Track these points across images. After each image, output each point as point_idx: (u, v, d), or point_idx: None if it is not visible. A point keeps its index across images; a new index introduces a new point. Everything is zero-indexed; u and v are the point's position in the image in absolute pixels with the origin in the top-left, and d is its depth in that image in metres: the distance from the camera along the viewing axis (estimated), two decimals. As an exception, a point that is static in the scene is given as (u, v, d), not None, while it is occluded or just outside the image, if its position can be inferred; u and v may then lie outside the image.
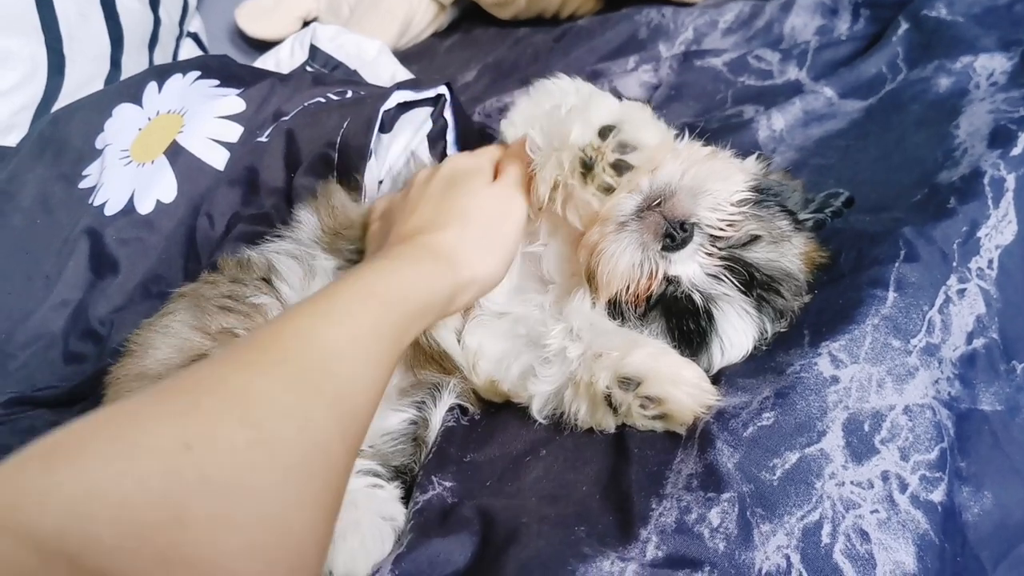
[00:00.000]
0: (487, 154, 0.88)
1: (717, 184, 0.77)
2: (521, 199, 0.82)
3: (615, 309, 0.80)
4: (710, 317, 0.78)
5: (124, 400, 0.49)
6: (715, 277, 0.78)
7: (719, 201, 0.77)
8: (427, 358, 0.87)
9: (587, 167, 0.75)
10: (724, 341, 0.78)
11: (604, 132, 0.75)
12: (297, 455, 0.50)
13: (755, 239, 0.79)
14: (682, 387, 0.72)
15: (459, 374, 0.87)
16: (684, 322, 0.79)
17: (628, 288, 0.78)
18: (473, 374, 0.85)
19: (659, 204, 0.77)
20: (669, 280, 0.78)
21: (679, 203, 0.76)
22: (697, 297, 0.78)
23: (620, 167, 0.75)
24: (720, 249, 0.78)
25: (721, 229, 0.77)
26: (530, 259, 0.88)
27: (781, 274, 0.79)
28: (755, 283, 0.79)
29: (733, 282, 0.78)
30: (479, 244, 0.78)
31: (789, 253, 0.80)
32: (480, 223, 0.79)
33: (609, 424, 0.76)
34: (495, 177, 0.84)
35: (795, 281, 0.80)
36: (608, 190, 0.76)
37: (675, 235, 0.76)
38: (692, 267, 0.78)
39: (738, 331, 0.78)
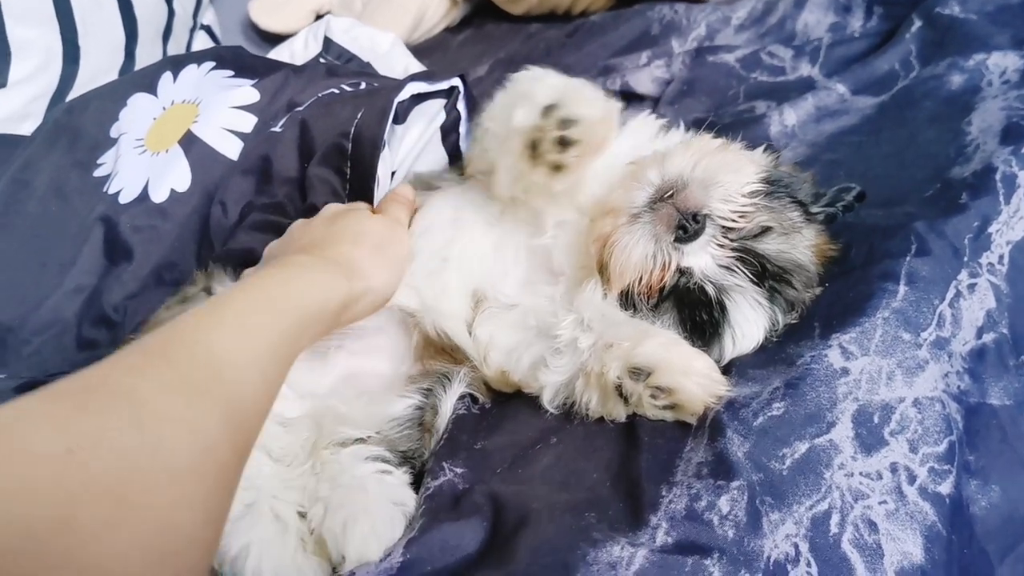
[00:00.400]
0: (361, 204, 0.94)
1: (729, 176, 0.78)
2: (404, 232, 0.88)
3: (627, 300, 0.81)
4: (722, 308, 0.78)
5: (11, 402, 0.48)
6: (727, 268, 0.78)
7: (731, 192, 0.77)
8: (437, 350, 0.88)
9: (535, 148, 0.77)
10: (736, 332, 0.79)
11: (546, 112, 0.76)
12: (184, 458, 0.50)
13: (766, 230, 0.79)
14: (693, 377, 0.73)
15: (469, 364, 0.87)
16: (696, 313, 0.79)
17: (640, 280, 0.78)
18: (484, 365, 0.86)
19: (671, 196, 0.77)
20: (681, 271, 0.78)
21: (691, 195, 0.77)
22: (709, 288, 0.78)
23: (565, 142, 0.76)
24: (732, 240, 0.78)
25: (733, 220, 0.78)
26: (539, 251, 0.88)
27: (792, 265, 0.80)
28: (767, 274, 0.79)
29: (745, 273, 0.78)
30: (372, 258, 0.81)
31: (800, 245, 0.81)
32: (371, 242, 0.83)
33: (620, 414, 0.76)
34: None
35: (806, 272, 0.81)
36: (558, 167, 0.77)
37: (687, 227, 0.76)
38: (704, 258, 0.78)
39: (750, 322, 0.79)
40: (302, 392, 0.86)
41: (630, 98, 1.35)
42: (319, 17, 2.00)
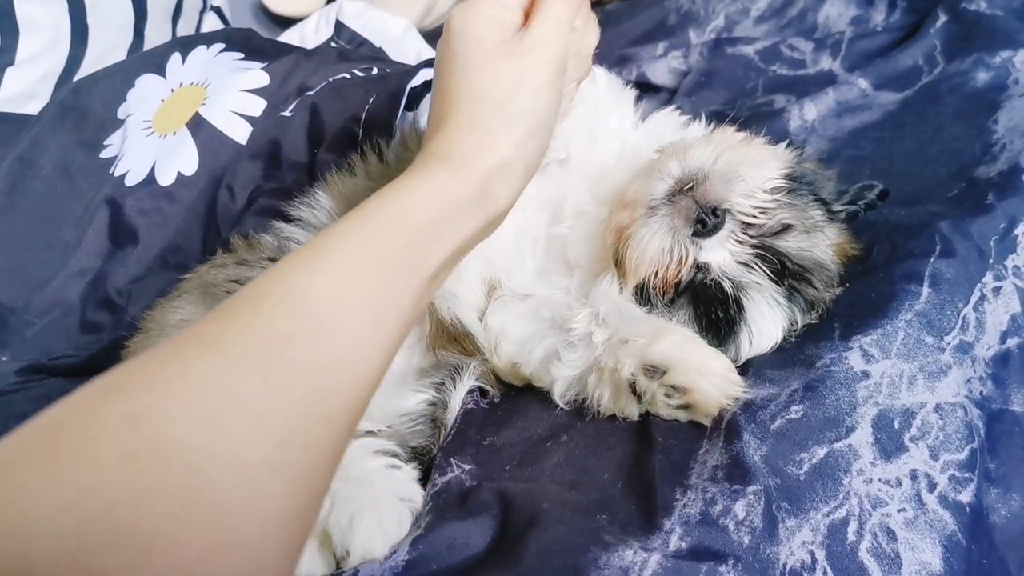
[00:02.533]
0: None
1: (751, 170, 0.76)
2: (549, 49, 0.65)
3: (642, 295, 0.79)
4: (739, 306, 0.76)
5: (70, 397, 0.44)
6: (746, 265, 0.76)
7: (752, 188, 0.75)
8: (449, 338, 0.86)
9: None
10: (753, 331, 0.77)
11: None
12: (259, 451, 0.45)
13: (787, 228, 0.77)
14: (709, 377, 0.71)
15: (480, 356, 0.86)
16: (712, 310, 0.77)
17: (656, 274, 0.76)
18: (495, 356, 0.84)
19: (691, 188, 0.75)
20: (698, 267, 0.77)
21: (711, 188, 0.75)
22: (727, 285, 0.76)
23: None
24: (751, 237, 0.76)
25: (753, 216, 0.76)
26: (557, 241, 0.87)
27: (813, 264, 0.78)
28: (786, 272, 0.77)
29: (764, 271, 0.76)
30: (491, 124, 0.63)
31: (821, 243, 0.79)
32: (492, 99, 0.64)
33: (632, 412, 0.75)
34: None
35: (827, 272, 0.79)
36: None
37: (706, 221, 0.74)
38: (722, 254, 0.76)
39: (768, 321, 0.77)
40: None
41: (646, 89, 1.32)
42: (330, 1, 1.98)
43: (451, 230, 0.60)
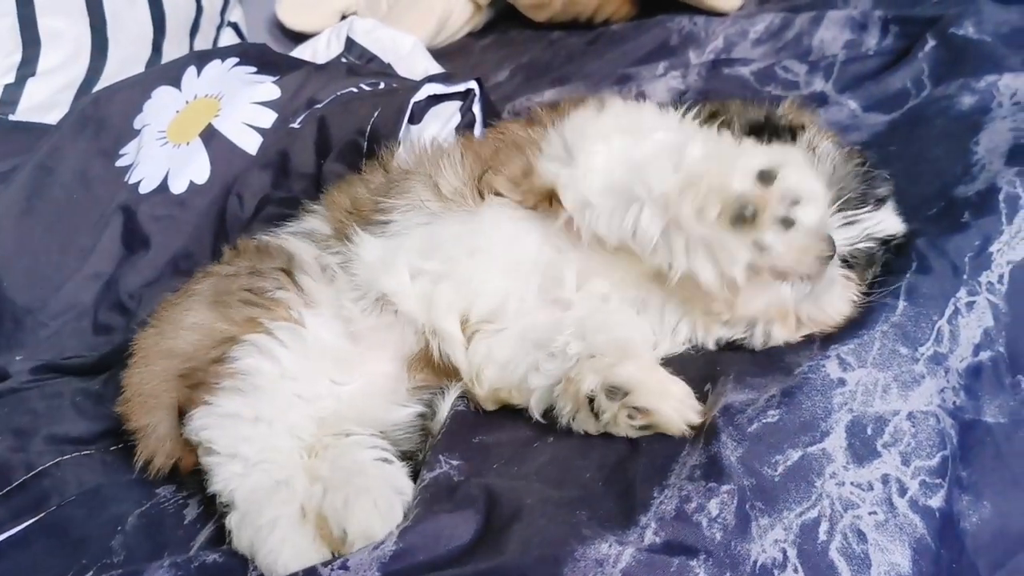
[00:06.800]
0: None
1: None
2: None
3: None
4: None
5: None
6: None
7: None
8: (427, 365, 0.88)
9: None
10: None
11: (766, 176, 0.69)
12: None
13: None
14: (670, 401, 0.74)
15: (457, 381, 0.87)
16: None
17: None
18: (476, 384, 0.85)
19: None
20: None
21: None
22: None
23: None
24: None
25: None
26: (552, 274, 0.87)
27: None
28: None
29: None
30: None
31: None
32: None
33: (589, 428, 0.77)
34: None
35: None
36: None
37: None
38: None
39: None
40: (338, 393, 0.87)
41: (645, 108, 1.36)
42: (344, 17, 2.03)
43: None
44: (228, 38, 2.02)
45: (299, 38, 2.00)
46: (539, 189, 0.84)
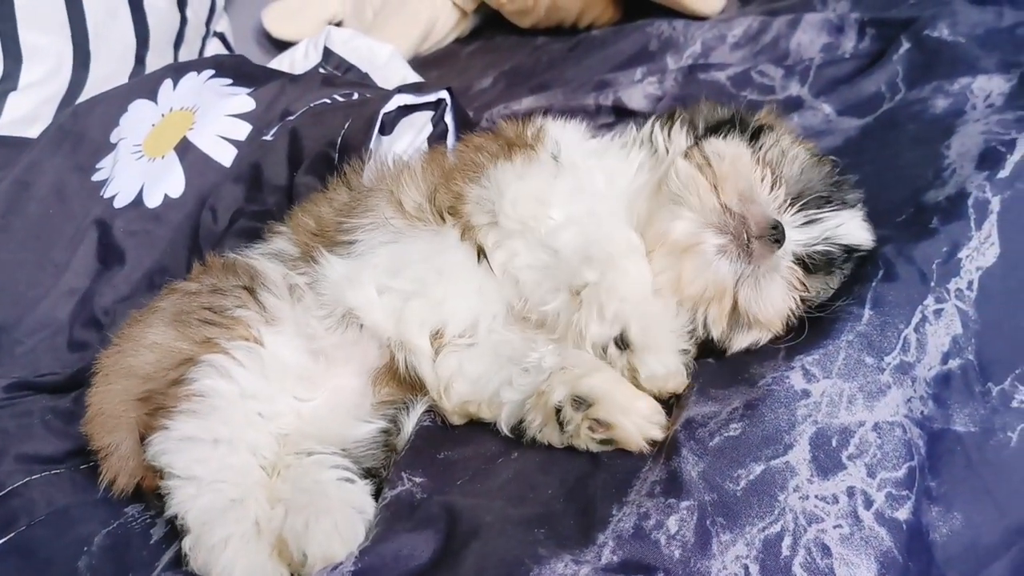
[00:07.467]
0: None
1: None
2: None
3: None
4: None
5: None
6: None
7: None
8: (392, 378, 0.87)
9: None
10: None
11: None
12: None
13: None
14: (632, 416, 0.74)
15: (424, 396, 0.87)
16: None
17: None
18: (443, 398, 0.85)
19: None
20: None
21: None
22: None
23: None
24: None
25: None
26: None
27: None
28: None
29: None
30: None
31: None
32: None
33: (554, 440, 0.77)
34: None
35: None
36: None
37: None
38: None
39: None
40: (299, 410, 0.86)
41: (622, 113, 1.35)
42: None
43: None
44: (214, 48, 2.01)
45: (286, 48, 2.00)
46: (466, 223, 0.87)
